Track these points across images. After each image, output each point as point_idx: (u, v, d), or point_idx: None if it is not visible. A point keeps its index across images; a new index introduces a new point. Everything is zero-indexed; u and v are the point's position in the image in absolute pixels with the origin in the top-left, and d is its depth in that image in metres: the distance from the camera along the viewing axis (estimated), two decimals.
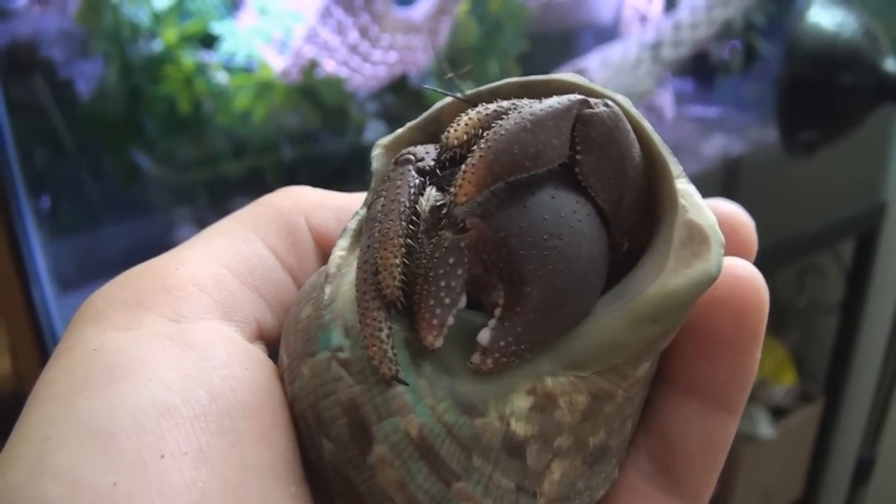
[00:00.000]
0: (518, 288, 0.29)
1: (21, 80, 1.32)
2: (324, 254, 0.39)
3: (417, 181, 0.32)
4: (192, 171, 1.43)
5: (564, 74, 0.36)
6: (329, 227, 0.40)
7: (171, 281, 0.34)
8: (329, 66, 1.42)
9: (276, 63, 1.43)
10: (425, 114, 0.37)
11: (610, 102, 0.32)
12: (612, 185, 0.33)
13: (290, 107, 1.42)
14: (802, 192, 1.84)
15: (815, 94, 1.52)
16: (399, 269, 0.30)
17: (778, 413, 2.11)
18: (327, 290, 0.33)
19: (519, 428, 0.31)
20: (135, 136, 1.41)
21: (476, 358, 0.30)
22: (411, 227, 0.31)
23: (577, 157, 0.32)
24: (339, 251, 0.35)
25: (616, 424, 0.34)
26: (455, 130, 0.31)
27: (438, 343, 0.29)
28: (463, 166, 0.29)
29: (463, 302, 0.30)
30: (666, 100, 1.75)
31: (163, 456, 0.28)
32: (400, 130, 0.38)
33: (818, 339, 2.26)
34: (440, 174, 0.33)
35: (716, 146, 1.72)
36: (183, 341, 0.31)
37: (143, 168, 1.42)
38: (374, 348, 0.30)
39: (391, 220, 0.31)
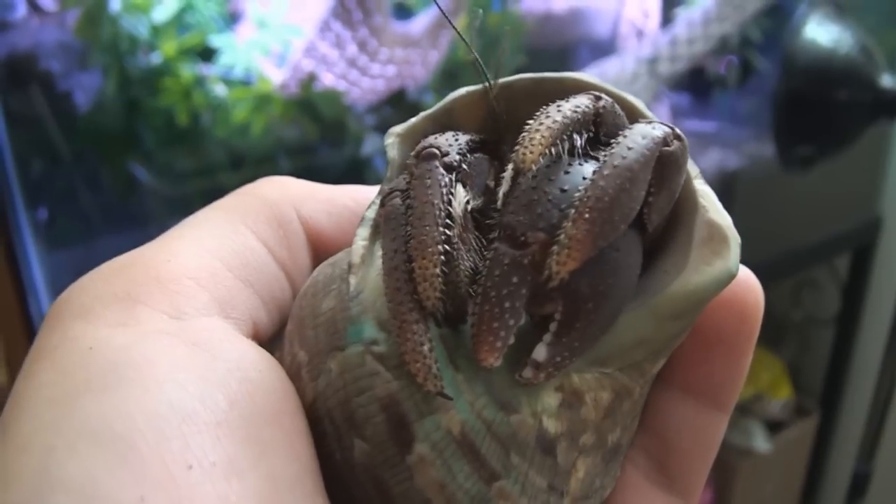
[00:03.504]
0: (579, 304, 0.28)
1: (19, 92, 1.32)
2: (315, 248, 0.38)
3: (447, 179, 0.30)
4: (190, 183, 1.43)
5: (577, 74, 0.35)
6: (320, 219, 0.38)
7: (164, 273, 0.31)
8: (327, 80, 1.43)
9: (275, 76, 1.43)
10: (439, 104, 0.36)
11: (681, 135, 0.31)
12: (665, 212, 0.32)
13: (288, 120, 1.42)
14: (798, 206, 1.85)
15: (811, 109, 1.52)
16: (440, 280, 0.28)
17: (774, 427, 2.10)
18: (352, 280, 0.32)
19: (550, 425, 0.30)
20: (133, 148, 1.41)
21: (528, 373, 0.29)
22: (447, 231, 0.29)
23: (649, 199, 0.30)
24: (360, 241, 0.33)
25: (629, 422, 0.34)
26: (530, 152, 0.28)
27: (498, 363, 0.28)
28: (561, 236, 0.27)
29: (523, 319, 0.28)
30: (662, 114, 1.76)
31: (190, 466, 0.25)
32: (413, 120, 0.36)
33: (814, 353, 2.26)
34: (466, 169, 0.31)
35: (712, 160, 1.72)
36: (189, 340, 0.29)
37: (141, 180, 1.42)
38: (418, 364, 0.28)
39: (427, 225, 0.29)
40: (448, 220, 0.29)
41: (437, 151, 0.31)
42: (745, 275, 0.33)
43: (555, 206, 0.28)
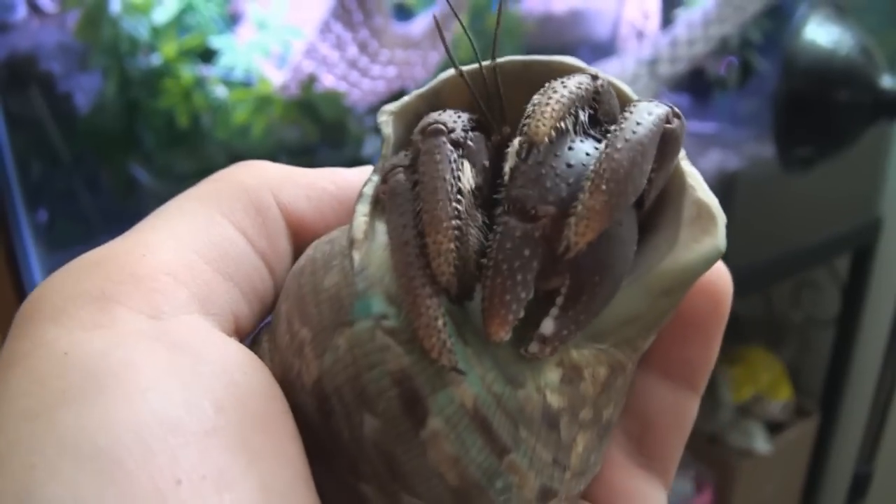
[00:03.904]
0: (587, 277, 0.29)
1: (20, 93, 1.32)
2: (295, 234, 0.36)
3: (455, 156, 0.30)
4: (190, 185, 1.42)
5: (564, 57, 0.36)
6: (300, 205, 0.36)
7: (140, 269, 0.29)
8: (328, 81, 1.43)
9: (275, 77, 1.43)
10: (429, 84, 0.36)
11: (680, 113, 0.31)
12: (659, 189, 0.33)
13: (288, 121, 1.42)
14: (799, 207, 1.85)
15: (811, 110, 1.52)
16: (454, 255, 0.28)
17: (774, 428, 2.10)
18: (356, 256, 0.31)
19: (553, 400, 0.31)
20: (133, 149, 1.41)
21: (534, 347, 0.29)
22: (458, 206, 0.29)
23: (651, 174, 0.30)
24: (361, 216, 0.32)
25: (620, 398, 0.34)
26: (543, 125, 0.29)
27: (508, 337, 0.28)
28: (579, 207, 0.27)
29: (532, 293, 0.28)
30: None
31: (179, 481, 0.24)
32: (406, 98, 0.36)
33: (814, 354, 2.26)
34: (471, 146, 0.31)
35: (712, 161, 1.72)
36: (170, 342, 0.27)
37: (141, 181, 1.42)
38: (433, 339, 0.27)
39: (439, 200, 0.28)
40: (458, 196, 0.29)
41: (443, 127, 0.31)
42: (717, 264, 0.34)
43: (562, 180, 0.29)
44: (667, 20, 1.77)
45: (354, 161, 1.48)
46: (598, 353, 0.32)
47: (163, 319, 0.28)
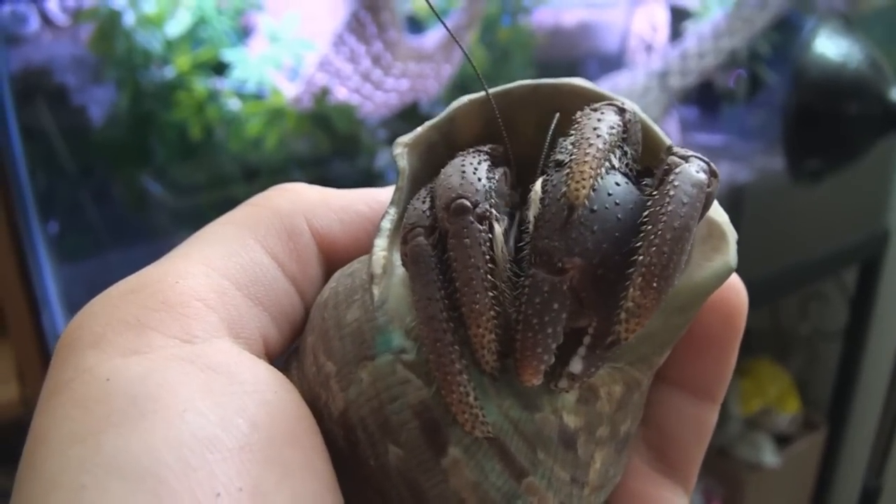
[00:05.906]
0: (612, 318, 0.29)
1: (34, 105, 1.33)
2: (327, 258, 0.38)
3: (484, 235, 0.30)
4: (203, 197, 1.43)
5: (574, 79, 0.37)
6: (333, 230, 0.37)
7: (173, 296, 0.31)
8: (341, 94, 1.43)
9: (287, 90, 1.44)
10: (442, 114, 0.37)
11: (716, 170, 0.31)
12: None
13: (301, 133, 1.43)
14: (807, 219, 1.85)
15: (820, 122, 1.53)
16: (496, 344, 0.29)
17: (782, 441, 2.10)
18: (375, 290, 0.33)
19: (570, 420, 0.32)
20: (146, 161, 1.42)
21: (563, 384, 0.30)
22: (493, 292, 0.30)
23: None
24: (379, 251, 0.34)
25: (637, 412, 0.35)
26: (583, 189, 0.29)
27: (540, 382, 0.29)
28: (629, 303, 0.28)
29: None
30: (671, 128, 1.76)
31: (218, 494, 0.25)
32: (419, 130, 0.37)
33: (822, 367, 2.26)
34: (496, 213, 0.31)
35: (721, 174, 1.71)
36: (204, 364, 0.29)
37: (154, 193, 1.42)
38: (466, 415, 0.29)
39: (476, 293, 0.29)
40: (492, 277, 0.30)
41: (467, 203, 0.30)
42: (731, 278, 0.35)
43: (587, 228, 0.29)
44: (675, 33, 1.77)
45: (367, 172, 1.49)
46: (613, 372, 0.33)
47: (195, 343, 0.30)
